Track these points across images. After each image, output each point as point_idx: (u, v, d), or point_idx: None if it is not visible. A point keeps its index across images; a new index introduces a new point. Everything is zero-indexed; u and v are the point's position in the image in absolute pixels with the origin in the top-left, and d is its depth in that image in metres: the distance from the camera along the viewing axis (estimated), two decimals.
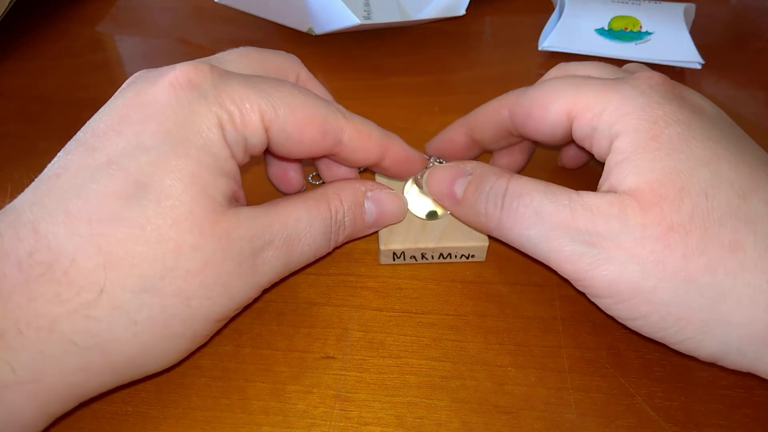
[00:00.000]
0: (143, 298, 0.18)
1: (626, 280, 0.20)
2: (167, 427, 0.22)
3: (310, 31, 0.40)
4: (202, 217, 0.19)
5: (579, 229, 0.20)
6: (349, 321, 0.25)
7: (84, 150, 0.20)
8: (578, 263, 0.20)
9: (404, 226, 0.27)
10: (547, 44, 0.39)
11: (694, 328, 0.19)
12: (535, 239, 0.21)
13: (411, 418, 0.22)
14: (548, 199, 0.21)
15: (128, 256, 0.18)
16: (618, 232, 0.20)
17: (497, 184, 0.23)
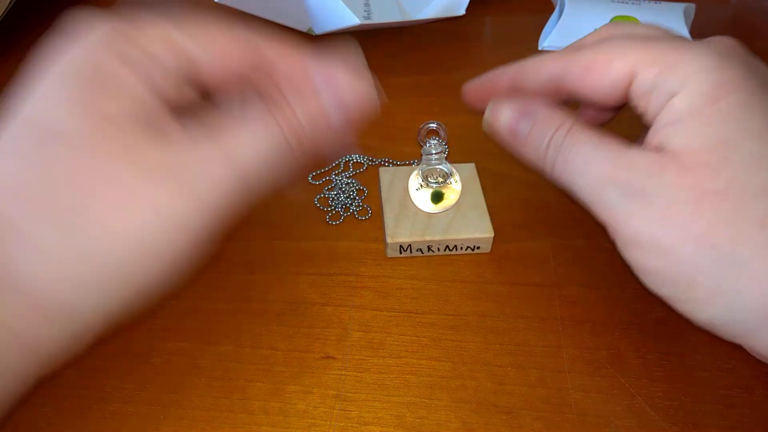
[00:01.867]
0: (65, 237, 0.18)
1: (650, 234, 0.20)
2: (167, 427, 0.22)
3: (310, 31, 0.40)
4: (118, 150, 0.18)
5: (619, 181, 0.21)
6: (349, 321, 0.25)
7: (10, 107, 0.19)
8: (613, 212, 0.21)
9: (410, 219, 0.28)
10: (547, 44, 0.39)
11: (703, 292, 0.20)
12: (581, 186, 0.22)
13: (411, 417, 0.22)
14: (598, 151, 0.22)
15: (46, 197, 0.18)
16: (653, 189, 0.20)
17: (560, 130, 0.23)
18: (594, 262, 0.27)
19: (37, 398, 0.23)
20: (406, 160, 0.32)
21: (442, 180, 0.29)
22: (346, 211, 0.30)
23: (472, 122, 0.35)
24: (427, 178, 0.29)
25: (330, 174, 0.32)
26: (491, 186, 0.31)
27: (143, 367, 0.24)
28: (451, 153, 0.33)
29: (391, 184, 0.29)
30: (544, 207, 0.30)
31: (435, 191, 0.28)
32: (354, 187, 0.31)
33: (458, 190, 0.29)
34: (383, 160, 0.32)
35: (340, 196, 0.30)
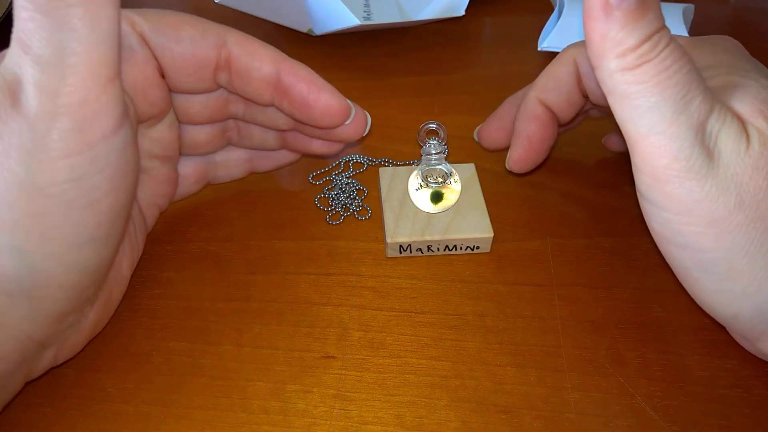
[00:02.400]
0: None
1: (713, 205, 0.18)
2: (168, 427, 0.22)
3: (310, 31, 0.40)
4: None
5: (706, 131, 0.18)
6: (349, 320, 0.25)
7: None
8: (680, 163, 0.18)
9: (410, 219, 0.28)
10: (546, 44, 0.39)
11: (740, 283, 0.19)
12: (659, 111, 0.18)
13: (411, 417, 0.22)
14: (701, 82, 0.18)
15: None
16: (735, 151, 0.18)
17: (665, 30, 0.18)
18: (594, 262, 0.28)
19: (37, 398, 0.23)
20: (406, 160, 0.32)
21: (441, 180, 0.29)
22: (346, 211, 0.30)
23: (472, 122, 0.35)
24: (427, 178, 0.29)
25: (330, 174, 0.32)
26: (491, 186, 0.31)
27: (143, 367, 0.24)
28: (451, 153, 0.33)
29: (391, 184, 0.29)
30: (544, 207, 0.30)
31: (435, 191, 0.28)
32: (354, 187, 0.31)
33: (458, 190, 0.29)
34: (383, 160, 0.32)
35: (340, 196, 0.30)
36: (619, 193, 0.31)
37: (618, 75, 0.18)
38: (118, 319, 0.25)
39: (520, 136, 0.27)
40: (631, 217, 0.29)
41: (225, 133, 0.28)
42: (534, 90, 0.27)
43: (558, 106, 0.27)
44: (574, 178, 0.32)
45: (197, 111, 0.25)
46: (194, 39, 0.22)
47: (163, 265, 0.27)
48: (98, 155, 0.18)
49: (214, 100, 0.25)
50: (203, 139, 0.27)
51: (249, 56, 0.23)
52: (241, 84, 0.24)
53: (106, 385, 0.23)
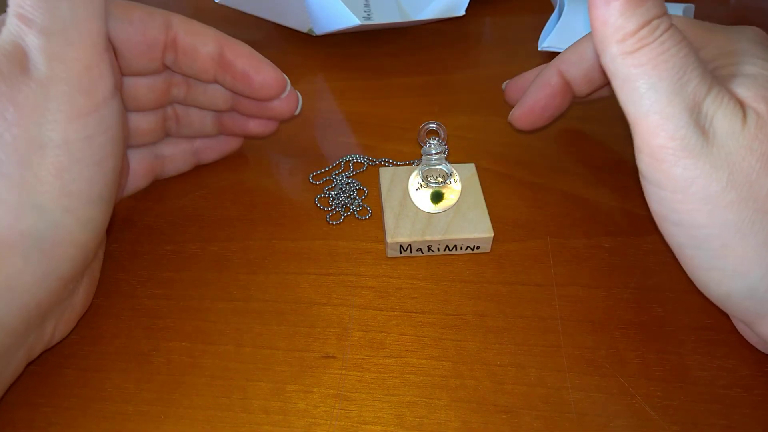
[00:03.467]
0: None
1: (707, 183, 0.19)
2: (168, 427, 0.22)
3: (310, 31, 0.40)
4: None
5: (702, 111, 0.19)
6: (350, 320, 0.25)
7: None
8: (676, 143, 0.19)
9: (410, 219, 0.28)
10: (546, 44, 0.39)
11: (732, 261, 0.19)
12: (656, 92, 0.19)
13: (411, 417, 0.22)
14: (698, 64, 0.19)
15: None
16: (728, 132, 0.19)
17: (664, 18, 0.19)
18: (594, 262, 0.28)
19: (37, 398, 0.23)
20: (406, 160, 0.32)
21: (441, 180, 0.29)
22: (347, 211, 0.30)
23: (472, 122, 0.35)
24: (427, 178, 0.29)
25: (330, 174, 0.32)
26: (491, 186, 0.31)
27: (143, 367, 0.24)
28: (451, 153, 0.33)
29: (391, 184, 0.29)
30: (544, 207, 0.30)
31: (435, 191, 0.28)
32: (354, 187, 0.31)
33: (458, 190, 0.29)
34: (383, 160, 0.32)
35: (340, 196, 0.30)
36: (619, 193, 0.31)
37: (619, 59, 0.19)
38: (118, 319, 0.25)
39: (528, 97, 0.29)
40: (631, 217, 0.29)
41: (165, 122, 0.29)
42: (557, 59, 0.28)
43: (576, 80, 0.28)
44: (574, 178, 0.32)
45: (144, 95, 0.27)
46: (144, 20, 0.24)
47: (163, 265, 0.27)
48: (103, 117, 0.20)
49: (161, 82, 0.27)
50: (146, 128, 0.28)
51: (193, 35, 0.25)
52: (187, 62, 0.26)
53: (106, 385, 0.23)
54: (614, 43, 0.19)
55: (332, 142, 0.34)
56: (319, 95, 0.38)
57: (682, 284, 0.26)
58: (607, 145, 0.33)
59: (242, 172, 0.32)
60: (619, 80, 0.20)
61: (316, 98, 0.37)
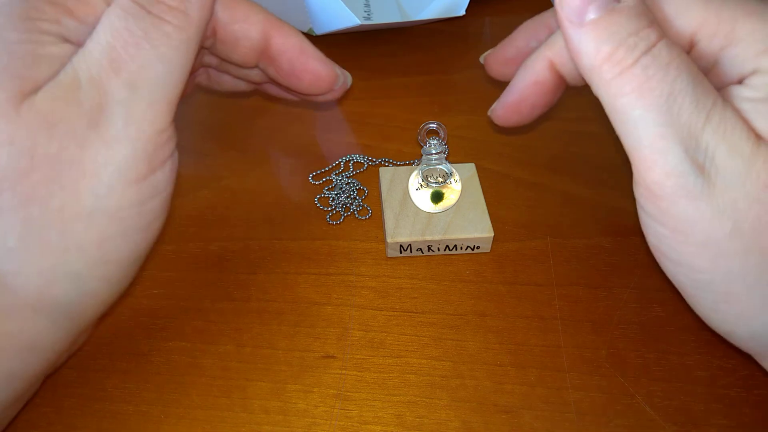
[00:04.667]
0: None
1: (708, 228, 0.17)
2: (168, 426, 0.22)
3: (310, 31, 0.40)
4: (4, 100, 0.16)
5: (700, 144, 0.16)
6: (350, 320, 0.25)
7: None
8: (672, 180, 0.17)
9: (411, 218, 0.28)
10: None
11: (736, 307, 0.18)
12: (646, 124, 0.17)
13: (411, 417, 0.22)
14: (693, 90, 0.17)
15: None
16: (733, 173, 0.16)
17: (646, 32, 0.17)
18: (594, 262, 0.28)
19: (37, 398, 0.23)
20: (406, 160, 0.32)
21: (442, 180, 0.29)
22: (347, 211, 0.30)
23: (472, 122, 0.35)
24: (427, 178, 0.29)
25: (330, 174, 0.32)
26: (491, 186, 0.31)
27: (143, 367, 0.24)
28: (451, 153, 0.33)
29: (391, 184, 0.29)
30: (544, 207, 0.30)
31: (435, 191, 0.28)
32: (354, 187, 0.31)
33: (458, 190, 0.29)
34: (383, 160, 0.32)
35: (340, 196, 0.30)
36: (619, 193, 0.31)
37: (602, 88, 0.18)
38: (118, 319, 0.25)
39: (512, 92, 0.24)
40: (631, 217, 0.29)
41: (193, 79, 0.27)
42: (547, 48, 0.22)
43: (571, 72, 0.22)
44: (574, 178, 0.32)
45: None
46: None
47: (163, 265, 0.27)
48: (159, 181, 0.19)
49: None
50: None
51: (237, 23, 0.21)
52: (226, 51, 0.22)
53: (106, 385, 0.23)
54: (594, 70, 0.17)
55: (332, 142, 0.34)
56: None
57: None
58: (607, 145, 0.33)
59: (242, 172, 0.32)
60: (608, 110, 0.18)
61: None
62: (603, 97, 0.18)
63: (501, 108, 0.24)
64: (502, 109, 0.24)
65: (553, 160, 0.32)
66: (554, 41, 0.22)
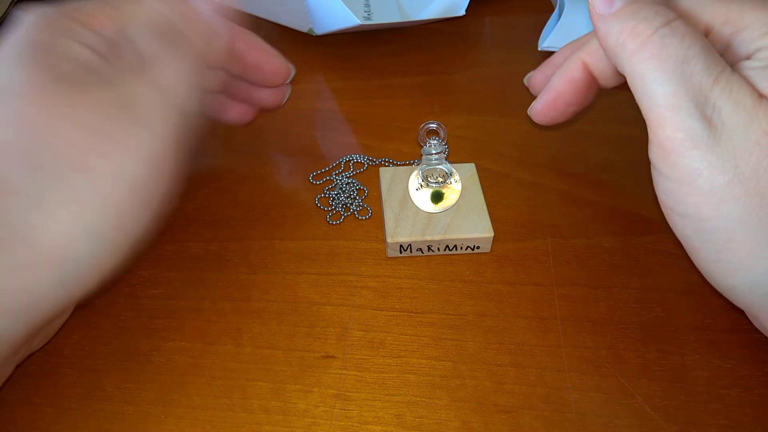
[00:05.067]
0: (37, 177, 0.18)
1: (713, 176, 0.19)
2: (168, 426, 0.22)
3: (310, 31, 0.40)
4: (46, 87, 0.19)
5: (709, 101, 0.19)
6: (350, 320, 0.25)
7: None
8: (682, 133, 0.19)
9: (411, 219, 0.28)
10: (546, 44, 0.39)
11: (737, 255, 0.19)
12: (662, 85, 0.19)
13: (411, 417, 0.22)
14: (704, 55, 0.19)
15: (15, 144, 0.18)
16: (737, 125, 0.18)
17: (665, 11, 0.20)
18: (594, 262, 0.28)
19: (37, 398, 0.23)
20: (406, 160, 0.32)
21: (442, 180, 0.29)
22: (347, 211, 0.30)
23: (472, 122, 0.35)
24: (427, 178, 0.29)
25: (330, 174, 0.32)
26: (491, 186, 0.31)
27: (144, 367, 0.24)
28: (451, 153, 0.33)
29: (391, 184, 0.29)
30: (544, 207, 0.30)
31: (435, 191, 0.28)
32: (354, 187, 0.31)
33: (458, 190, 0.29)
34: (383, 160, 0.32)
35: (340, 195, 0.30)
36: (619, 193, 0.31)
37: (626, 59, 0.20)
38: (118, 319, 0.25)
39: (550, 91, 0.27)
40: (631, 217, 0.29)
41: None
42: (582, 51, 0.26)
43: (603, 73, 0.26)
44: (574, 178, 0.32)
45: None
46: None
47: (163, 265, 0.27)
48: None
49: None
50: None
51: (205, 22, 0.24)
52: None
53: (106, 385, 0.23)
54: (618, 45, 0.20)
55: (332, 142, 0.34)
56: (319, 95, 0.38)
57: (682, 284, 0.26)
58: (607, 145, 0.33)
59: (242, 172, 0.32)
60: (630, 78, 0.20)
61: (316, 98, 0.37)
62: (626, 67, 0.20)
63: (540, 105, 0.27)
64: (541, 106, 0.27)
65: (553, 160, 0.32)
66: (587, 44, 0.26)
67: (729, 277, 0.20)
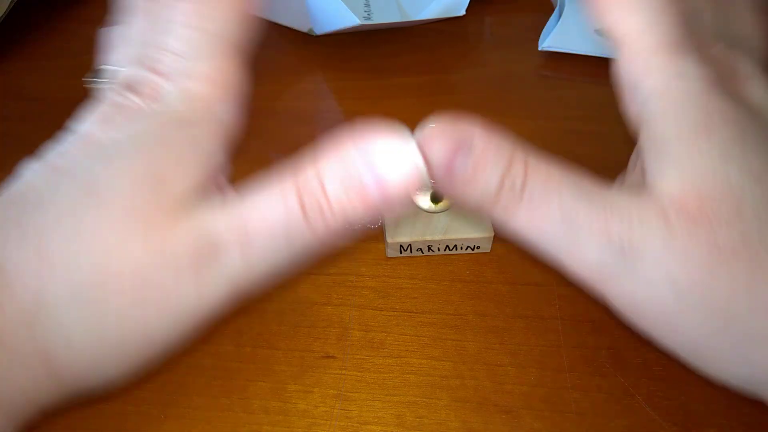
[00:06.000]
0: (75, 306, 0.17)
1: (655, 303, 0.17)
2: (168, 427, 0.22)
3: (310, 31, 0.40)
4: (140, 216, 0.17)
5: (612, 238, 0.17)
6: (350, 320, 0.25)
7: (51, 170, 0.19)
8: (603, 275, 0.18)
9: (410, 219, 0.28)
10: (547, 44, 0.39)
11: (717, 365, 0.18)
12: (556, 243, 0.18)
13: (411, 417, 0.22)
14: (579, 199, 0.18)
15: (63, 261, 0.17)
16: (658, 248, 0.17)
17: (514, 168, 0.18)
18: None
19: None
20: None
21: None
22: None
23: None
24: None
25: None
26: None
27: None
28: None
29: None
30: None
31: (435, 191, 0.28)
32: None
33: None
34: None
35: None
36: None
37: (508, 227, 0.18)
38: None
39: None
40: None
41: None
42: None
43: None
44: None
45: None
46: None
47: None
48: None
49: None
50: None
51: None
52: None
53: None
54: (491, 214, 0.18)
55: None
56: (319, 95, 0.38)
57: None
58: (607, 145, 0.33)
59: (242, 172, 0.32)
60: (525, 244, 0.19)
61: (316, 98, 0.37)
62: (509, 230, 0.18)
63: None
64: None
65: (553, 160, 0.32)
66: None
67: (719, 377, 0.19)
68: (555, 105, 0.36)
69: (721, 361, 0.18)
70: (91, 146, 0.19)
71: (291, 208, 0.17)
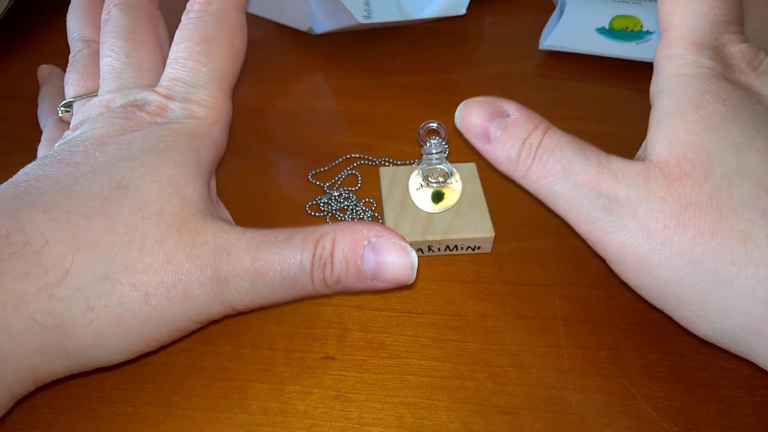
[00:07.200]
0: (104, 285, 0.19)
1: (634, 251, 0.20)
2: (167, 428, 0.22)
3: (310, 30, 0.40)
4: (171, 215, 0.20)
5: (601, 192, 0.20)
6: (350, 321, 0.25)
7: (65, 164, 0.21)
8: (593, 226, 0.21)
9: (411, 219, 0.28)
10: (548, 43, 0.39)
11: (691, 309, 0.20)
12: (558, 194, 0.22)
13: (411, 418, 0.22)
14: (578, 158, 0.21)
15: (96, 244, 0.19)
16: (636, 201, 0.20)
17: (534, 133, 0.22)
18: (594, 262, 0.27)
19: (37, 398, 0.23)
20: (407, 160, 0.32)
21: (442, 180, 0.28)
22: (343, 213, 0.30)
23: None
24: (428, 177, 0.29)
25: (329, 179, 0.32)
26: (491, 186, 0.30)
27: (143, 368, 0.24)
28: (452, 153, 0.33)
29: (391, 183, 0.29)
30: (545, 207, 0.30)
31: (435, 191, 0.28)
32: (352, 202, 0.31)
33: (459, 190, 0.28)
34: (384, 160, 0.32)
35: (333, 204, 0.30)
36: None
37: (522, 182, 0.23)
38: None
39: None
40: None
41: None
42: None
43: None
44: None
45: None
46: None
47: None
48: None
49: None
50: None
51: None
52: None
53: (106, 386, 0.23)
54: (513, 174, 0.23)
55: (332, 141, 0.34)
56: (319, 94, 0.37)
57: None
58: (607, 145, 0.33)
59: (242, 172, 0.32)
60: (533, 193, 0.23)
61: (316, 98, 0.37)
62: (526, 187, 0.23)
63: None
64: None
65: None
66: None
67: (697, 327, 0.20)
68: (555, 105, 0.36)
69: (698, 310, 0.20)
70: (106, 146, 0.22)
71: (304, 265, 0.21)
